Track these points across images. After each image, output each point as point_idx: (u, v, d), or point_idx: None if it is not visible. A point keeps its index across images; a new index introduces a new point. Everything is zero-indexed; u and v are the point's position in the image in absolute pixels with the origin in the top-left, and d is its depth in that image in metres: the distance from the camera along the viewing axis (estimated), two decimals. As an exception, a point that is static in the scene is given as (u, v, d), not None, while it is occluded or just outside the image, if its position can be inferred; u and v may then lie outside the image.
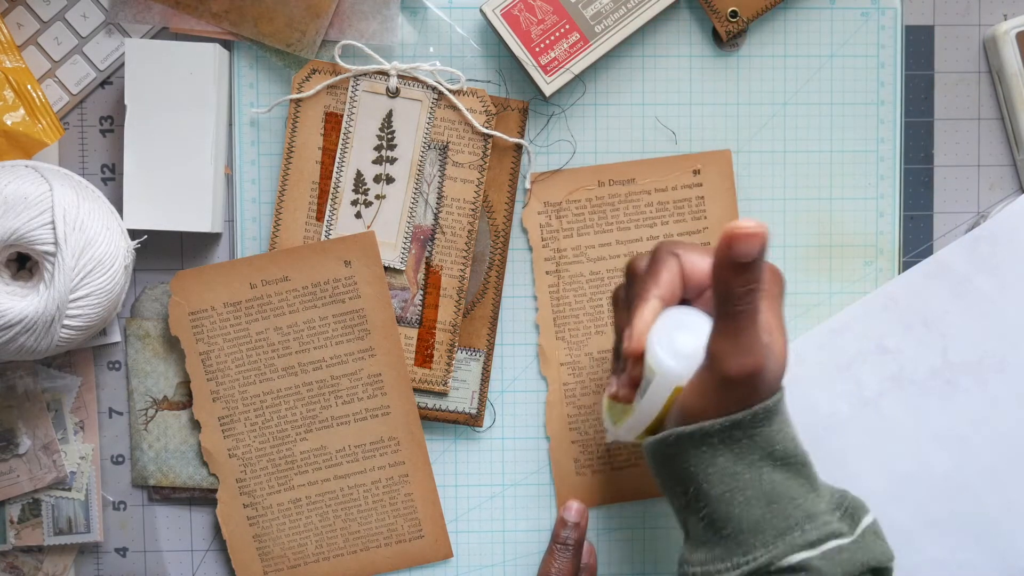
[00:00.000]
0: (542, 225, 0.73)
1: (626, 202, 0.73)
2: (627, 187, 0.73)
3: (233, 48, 0.72)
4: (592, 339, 0.73)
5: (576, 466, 0.74)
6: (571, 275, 0.73)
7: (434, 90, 0.71)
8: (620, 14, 0.70)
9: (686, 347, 0.57)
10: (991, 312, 0.72)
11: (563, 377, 0.73)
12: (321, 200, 0.72)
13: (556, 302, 0.73)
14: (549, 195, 0.73)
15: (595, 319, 0.73)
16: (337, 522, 0.73)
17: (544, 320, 0.73)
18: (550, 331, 0.73)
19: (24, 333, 0.65)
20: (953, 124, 0.75)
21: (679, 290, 0.60)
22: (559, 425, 0.74)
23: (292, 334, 0.72)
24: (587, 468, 0.74)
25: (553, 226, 0.73)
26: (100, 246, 0.65)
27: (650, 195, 0.73)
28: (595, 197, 0.73)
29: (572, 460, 0.74)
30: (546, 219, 0.73)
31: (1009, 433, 0.72)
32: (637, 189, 0.73)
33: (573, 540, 0.72)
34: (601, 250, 0.73)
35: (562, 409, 0.74)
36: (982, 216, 0.74)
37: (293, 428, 0.72)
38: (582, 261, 0.73)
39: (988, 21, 0.74)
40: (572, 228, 0.73)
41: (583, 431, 0.74)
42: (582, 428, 0.74)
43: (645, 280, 0.60)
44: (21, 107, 0.69)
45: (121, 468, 0.74)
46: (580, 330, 0.73)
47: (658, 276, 0.59)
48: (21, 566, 0.73)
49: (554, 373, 0.73)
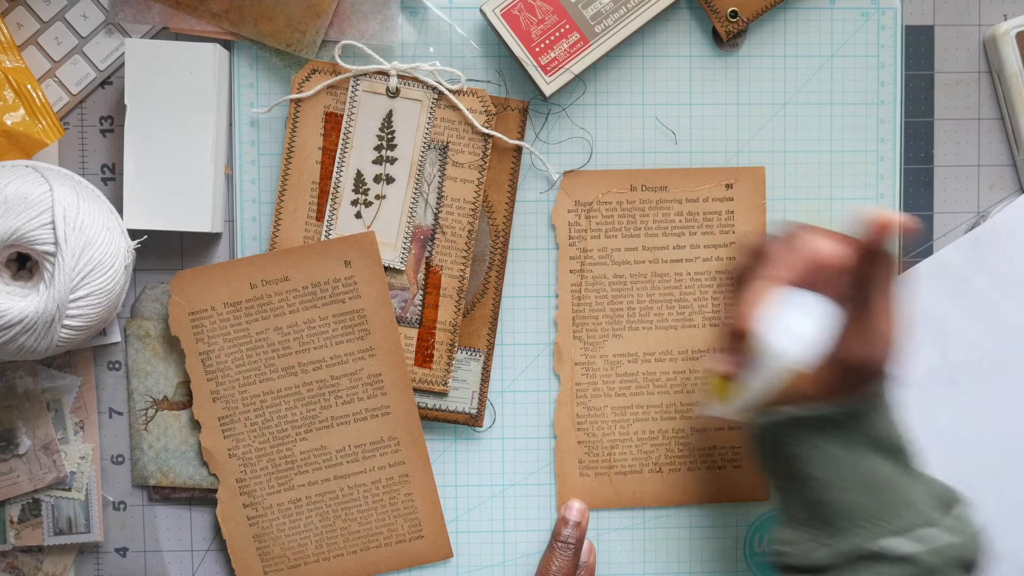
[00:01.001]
0: (571, 223, 0.73)
1: (656, 209, 0.73)
2: (659, 194, 0.73)
3: (233, 48, 0.72)
4: (609, 342, 0.73)
5: (580, 467, 0.74)
6: (594, 276, 0.73)
7: (434, 90, 0.71)
8: (620, 14, 0.70)
9: (802, 331, 0.57)
10: (991, 312, 0.72)
11: (576, 377, 0.73)
12: (321, 200, 0.72)
13: (577, 301, 0.73)
14: (581, 194, 0.73)
15: (613, 322, 0.73)
16: (337, 522, 0.73)
17: (563, 318, 0.73)
18: (568, 330, 0.73)
19: (24, 333, 0.65)
20: (953, 124, 0.75)
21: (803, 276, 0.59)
22: (567, 424, 0.74)
23: (292, 334, 0.72)
24: (590, 470, 0.74)
25: (582, 225, 0.73)
26: (100, 246, 0.65)
27: (681, 204, 0.73)
28: (626, 201, 0.73)
29: (576, 460, 0.74)
30: (575, 217, 0.73)
31: (1009, 433, 0.72)
32: (668, 197, 0.73)
33: (574, 539, 0.72)
34: (627, 254, 0.73)
35: (572, 408, 0.74)
36: (982, 216, 0.74)
37: (293, 428, 0.72)
38: (607, 263, 0.73)
39: (988, 21, 0.74)
40: (600, 229, 0.73)
41: (590, 432, 0.74)
42: (589, 429, 0.74)
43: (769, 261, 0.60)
44: (21, 107, 0.69)
45: (121, 468, 0.74)
46: (598, 331, 0.73)
47: (782, 257, 0.59)
48: (21, 566, 0.73)
49: (567, 372, 0.73)
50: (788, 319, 0.58)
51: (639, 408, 0.74)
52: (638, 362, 0.73)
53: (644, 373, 0.73)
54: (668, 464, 0.74)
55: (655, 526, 0.75)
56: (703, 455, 0.74)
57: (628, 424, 0.74)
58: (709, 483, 0.74)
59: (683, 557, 0.75)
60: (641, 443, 0.74)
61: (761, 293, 0.58)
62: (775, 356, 0.57)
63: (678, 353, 0.73)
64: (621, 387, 0.73)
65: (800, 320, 0.58)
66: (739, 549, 0.75)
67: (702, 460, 0.74)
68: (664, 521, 0.75)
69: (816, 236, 0.60)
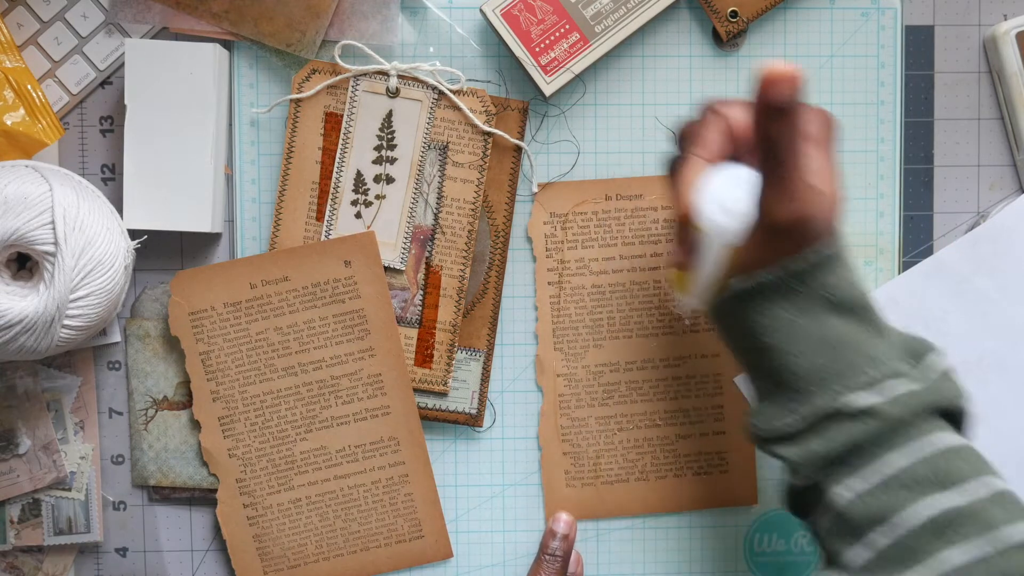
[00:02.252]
0: (547, 235, 0.73)
1: (632, 217, 0.73)
2: (634, 202, 0.73)
3: (233, 48, 0.72)
4: (590, 352, 0.73)
5: (566, 478, 0.74)
6: (573, 287, 0.73)
7: (434, 90, 0.71)
8: (620, 14, 0.70)
9: (737, 203, 0.57)
10: (991, 312, 0.72)
11: (559, 388, 0.73)
12: (321, 200, 0.72)
13: (556, 313, 0.73)
14: (556, 206, 0.73)
15: (594, 332, 0.73)
16: (337, 522, 0.73)
17: (543, 330, 0.73)
18: (548, 341, 0.73)
19: (24, 333, 0.65)
20: (953, 124, 0.75)
21: (726, 148, 0.59)
22: (551, 436, 0.74)
23: (292, 334, 0.72)
24: (577, 480, 0.74)
25: (558, 237, 0.73)
26: (100, 246, 0.65)
27: (656, 212, 0.73)
28: (602, 211, 0.73)
29: (563, 472, 0.74)
30: (551, 229, 0.73)
31: (1009, 433, 0.72)
32: (644, 205, 0.73)
33: (562, 552, 0.72)
34: (604, 264, 0.73)
35: (556, 420, 0.73)
36: (982, 216, 0.74)
37: (293, 428, 0.72)
38: (584, 274, 0.73)
39: (988, 21, 0.74)
40: (577, 240, 0.73)
41: (575, 443, 0.73)
42: (574, 440, 0.73)
43: (691, 142, 0.59)
44: (21, 107, 0.69)
45: (121, 468, 0.74)
46: (578, 342, 0.73)
47: (702, 136, 0.59)
48: (21, 566, 0.73)
49: (550, 383, 0.73)
50: (719, 194, 0.57)
51: (623, 417, 0.73)
52: (620, 371, 0.73)
53: (627, 382, 0.73)
54: (654, 472, 0.74)
55: (655, 526, 0.75)
56: (689, 461, 0.74)
57: (613, 434, 0.73)
58: (696, 489, 0.74)
59: (683, 558, 0.75)
60: (627, 452, 0.74)
61: (690, 174, 0.58)
62: (714, 233, 0.57)
63: (660, 360, 0.73)
64: (604, 397, 0.73)
65: (731, 192, 0.57)
66: (739, 550, 0.75)
67: (688, 466, 0.74)
68: (664, 522, 0.75)
69: (727, 107, 0.59)
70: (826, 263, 0.55)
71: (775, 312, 0.56)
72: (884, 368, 0.55)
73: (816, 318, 0.55)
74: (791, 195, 0.54)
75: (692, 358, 0.73)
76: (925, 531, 0.52)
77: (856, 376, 0.55)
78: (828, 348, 0.55)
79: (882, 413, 0.54)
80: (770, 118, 0.53)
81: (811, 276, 0.55)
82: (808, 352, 0.55)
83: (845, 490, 0.54)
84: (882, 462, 0.54)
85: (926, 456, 0.54)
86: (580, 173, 0.73)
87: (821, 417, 0.55)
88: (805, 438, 0.56)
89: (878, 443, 0.54)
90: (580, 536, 0.75)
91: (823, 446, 0.55)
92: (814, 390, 0.55)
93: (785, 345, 0.56)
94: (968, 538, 0.52)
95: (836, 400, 0.54)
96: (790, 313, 0.56)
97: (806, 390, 0.55)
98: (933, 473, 0.53)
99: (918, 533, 0.52)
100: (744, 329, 0.58)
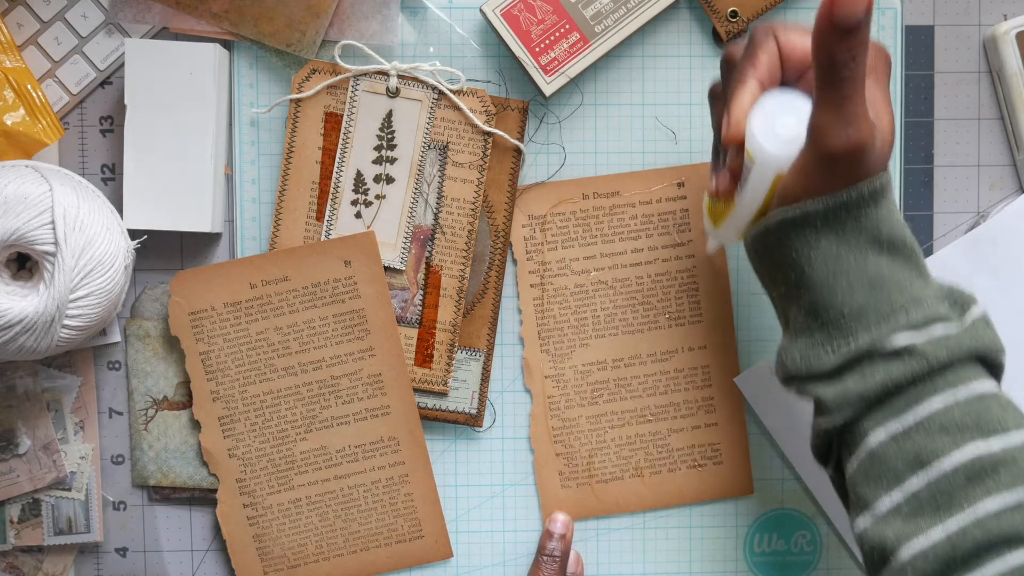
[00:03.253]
0: (526, 238, 0.73)
1: (610, 215, 0.73)
2: (611, 200, 0.73)
3: (233, 48, 0.72)
4: (576, 352, 0.73)
5: (560, 479, 0.74)
6: (555, 288, 0.73)
7: (434, 90, 0.71)
8: (620, 14, 0.70)
9: (788, 130, 0.55)
10: (991, 312, 0.72)
11: (547, 390, 0.73)
12: (321, 200, 0.72)
13: (541, 315, 0.73)
14: (533, 208, 0.73)
15: (579, 332, 0.73)
16: (337, 522, 0.73)
17: (528, 333, 0.73)
18: (534, 344, 0.73)
19: (24, 333, 0.65)
20: (953, 124, 0.75)
21: (778, 72, 0.57)
22: (543, 438, 0.74)
23: (292, 334, 0.72)
24: (571, 481, 0.74)
25: (537, 239, 0.73)
26: (100, 246, 0.65)
27: (634, 208, 0.73)
28: (579, 210, 0.73)
29: (556, 473, 0.74)
30: (530, 232, 0.73)
31: (1009, 433, 0.71)
32: (622, 202, 0.73)
33: (559, 552, 0.72)
34: (585, 263, 0.73)
35: (546, 422, 0.74)
36: (982, 216, 0.74)
37: (293, 428, 0.72)
38: (566, 274, 0.73)
39: (988, 21, 0.74)
40: (556, 241, 0.73)
41: (567, 444, 0.73)
42: (566, 441, 0.73)
43: (742, 64, 0.57)
44: (21, 107, 0.69)
45: (121, 468, 0.74)
46: (564, 343, 0.73)
47: (755, 58, 0.56)
48: (21, 566, 0.73)
49: (538, 386, 0.73)
50: (772, 119, 0.55)
51: (614, 415, 0.73)
52: (608, 369, 0.73)
53: (615, 379, 0.73)
54: (649, 467, 0.74)
55: (655, 526, 0.75)
56: (683, 455, 0.74)
57: (604, 432, 0.73)
58: (692, 482, 0.74)
59: (683, 558, 0.75)
60: (619, 449, 0.74)
61: (744, 97, 0.56)
62: (763, 161, 0.55)
63: (647, 356, 0.73)
64: (593, 396, 0.73)
65: (786, 119, 0.55)
66: (739, 550, 0.75)
67: (682, 460, 0.74)
68: (664, 522, 0.75)
69: (782, 30, 0.57)
70: (878, 196, 0.53)
71: (819, 244, 0.54)
72: (927, 310, 0.53)
73: (862, 253, 0.54)
74: (849, 121, 0.51)
75: (680, 352, 0.73)
76: (962, 476, 0.51)
77: (898, 316, 0.53)
78: (871, 286, 0.53)
79: (924, 353, 0.52)
80: (836, 38, 0.50)
81: (861, 209, 0.53)
82: (850, 288, 0.53)
83: (882, 431, 0.53)
84: (921, 404, 0.52)
85: (966, 400, 0.52)
86: (580, 173, 0.73)
87: (860, 355, 0.53)
88: (841, 376, 0.54)
89: (918, 384, 0.53)
90: (580, 536, 0.75)
91: (860, 385, 0.53)
92: (854, 327, 0.53)
93: (826, 279, 0.54)
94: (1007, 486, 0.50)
95: (877, 339, 0.53)
96: (835, 245, 0.54)
97: (845, 327, 0.53)
98: (973, 419, 0.52)
99: (955, 478, 0.51)
100: (784, 261, 0.55)
